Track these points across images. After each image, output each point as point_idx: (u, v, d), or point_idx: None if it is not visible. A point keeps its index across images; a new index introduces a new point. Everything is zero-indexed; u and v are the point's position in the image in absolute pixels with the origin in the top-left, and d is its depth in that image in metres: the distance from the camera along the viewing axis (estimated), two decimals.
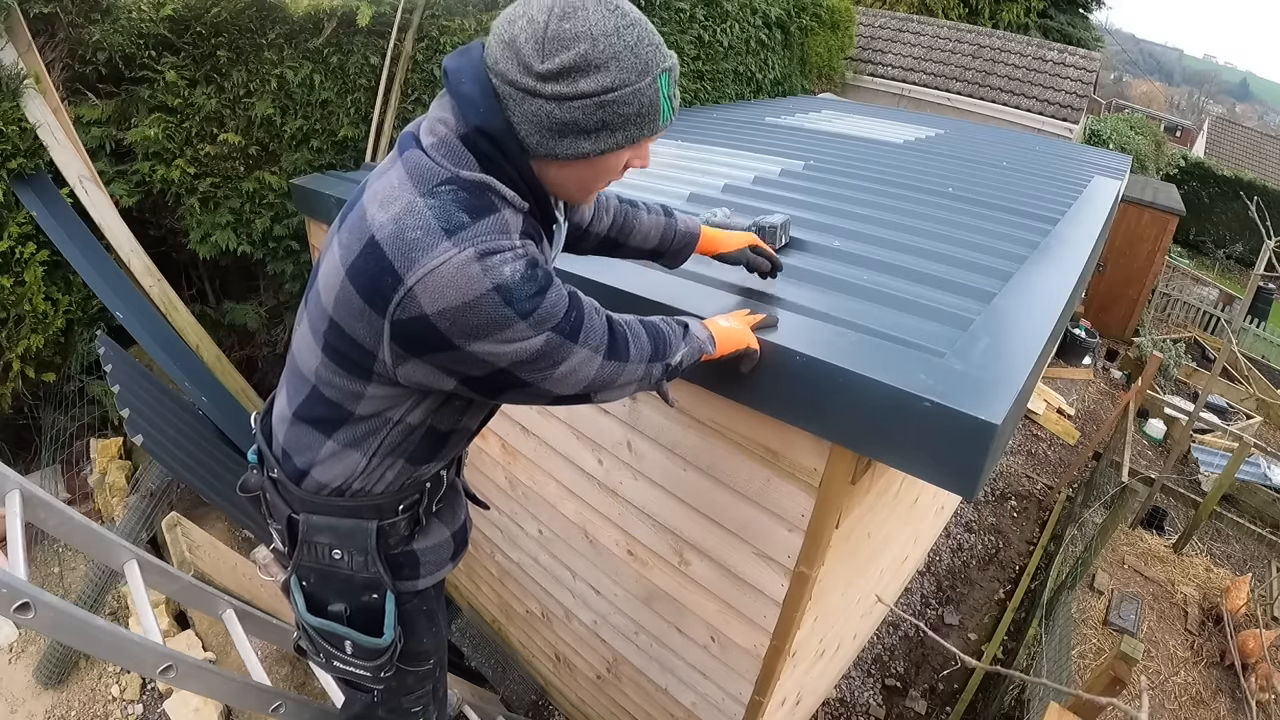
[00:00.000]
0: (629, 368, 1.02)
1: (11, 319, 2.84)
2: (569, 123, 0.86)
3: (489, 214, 0.86)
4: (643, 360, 1.04)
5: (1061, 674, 2.74)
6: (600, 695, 2.51)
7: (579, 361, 0.95)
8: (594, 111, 0.85)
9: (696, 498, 1.78)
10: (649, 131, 0.91)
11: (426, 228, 0.83)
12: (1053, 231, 2.37)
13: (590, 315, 0.97)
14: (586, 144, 0.88)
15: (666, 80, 0.89)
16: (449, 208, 0.84)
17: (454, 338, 0.85)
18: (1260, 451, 4.81)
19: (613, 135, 0.88)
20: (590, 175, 0.95)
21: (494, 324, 0.85)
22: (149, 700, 2.62)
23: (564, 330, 0.92)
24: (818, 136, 4.03)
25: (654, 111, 0.89)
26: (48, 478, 3.29)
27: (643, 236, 1.36)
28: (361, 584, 1.10)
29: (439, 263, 0.81)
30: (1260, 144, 21.07)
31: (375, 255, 0.85)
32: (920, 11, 10.76)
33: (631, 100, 0.86)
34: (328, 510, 1.06)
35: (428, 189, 0.86)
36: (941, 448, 1.18)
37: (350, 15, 3.17)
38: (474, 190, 0.87)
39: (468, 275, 0.82)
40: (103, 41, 2.82)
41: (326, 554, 1.08)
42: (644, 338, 1.06)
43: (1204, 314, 9.14)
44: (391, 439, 1.02)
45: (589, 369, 0.97)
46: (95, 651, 1.07)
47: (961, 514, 4.53)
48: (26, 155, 2.77)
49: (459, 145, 0.88)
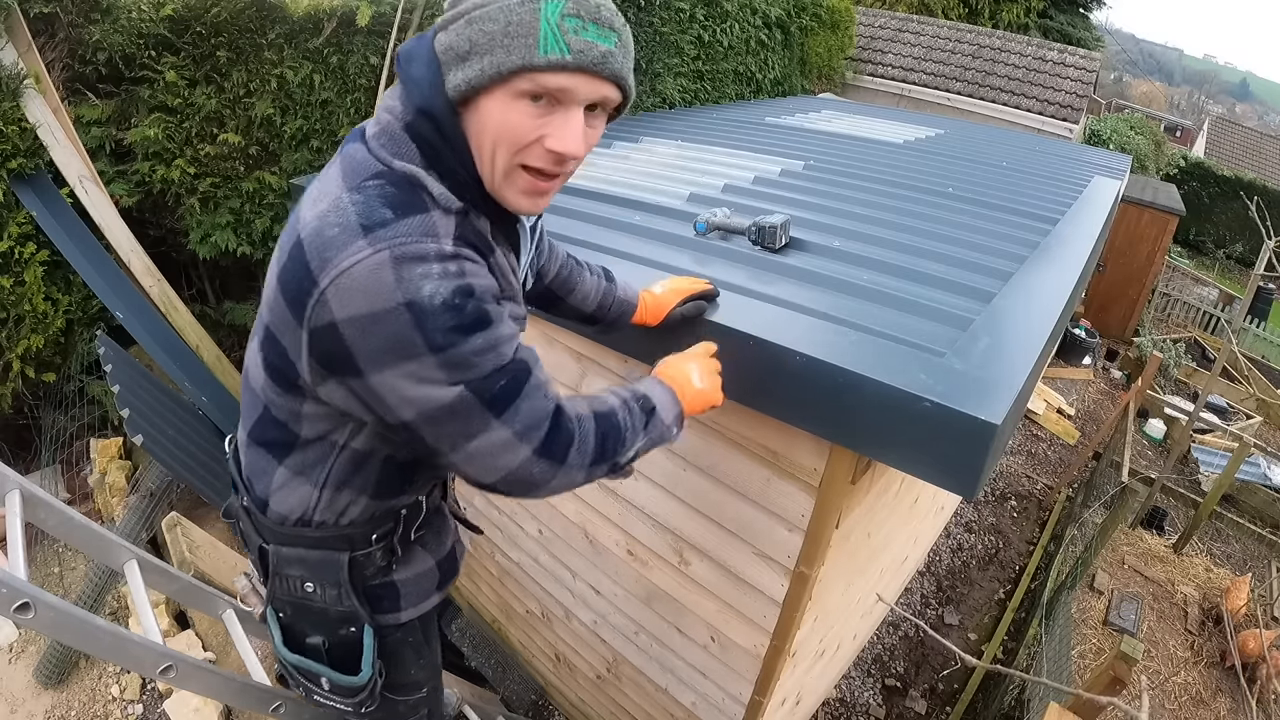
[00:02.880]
0: (562, 473, 0.86)
1: (11, 319, 2.85)
2: (448, 48, 0.77)
3: (415, 213, 0.76)
4: (583, 466, 0.88)
5: (1061, 674, 2.74)
6: (600, 695, 2.51)
7: (497, 444, 0.80)
8: (464, 30, 0.76)
9: (696, 498, 1.78)
10: (519, 59, 0.74)
11: (345, 224, 0.74)
12: (1053, 231, 2.37)
13: (530, 392, 0.81)
14: (460, 73, 0.77)
15: (555, 8, 0.74)
16: (372, 203, 0.76)
17: (358, 357, 0.74)
18: (1260, 451, 4.80)
19: (480, 60, 0.75)
20: (483, 134, 0.79)
21: (399, 348, 0.73)
22: (149, 700, 2.62)
23: (484, 395, 0.77)
24: (818, 136, 4.02)
25: (527, 34, 0.73)
26: (48, 478, 3.29)
27: (582, 297, 1.29)
28: (337, 617, 1.03)
29: (351, 263, 0.72)
30: (1260, 144, 21.07)
31: (298, 256, 0.76)
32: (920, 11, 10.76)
33: (497, 16, 0.74)
34: (296, 541, 0.99)
35: (356, 183, 0.78)
36: (941, 448, 1.18)
37: (350, 15, 3.17)
38: (403, 185, 0.79)
39: (380, 281, 0.72)
40: (103, 41, 2.82)
41: (299, 587, 1.01)
42: (591, 437, 0.89)
43: (1204, 314, 9.14)
44: (340, 469, 0.93)
45: (508, 459, 0.81)
46: (95, 651, 1.07)
47: (961, 514, 4.53)
48: (26, 155, 2.77)
49: (401, 134, 0.80)
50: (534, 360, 0.85)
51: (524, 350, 0.84)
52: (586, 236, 2.01)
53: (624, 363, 1.79)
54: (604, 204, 2.36)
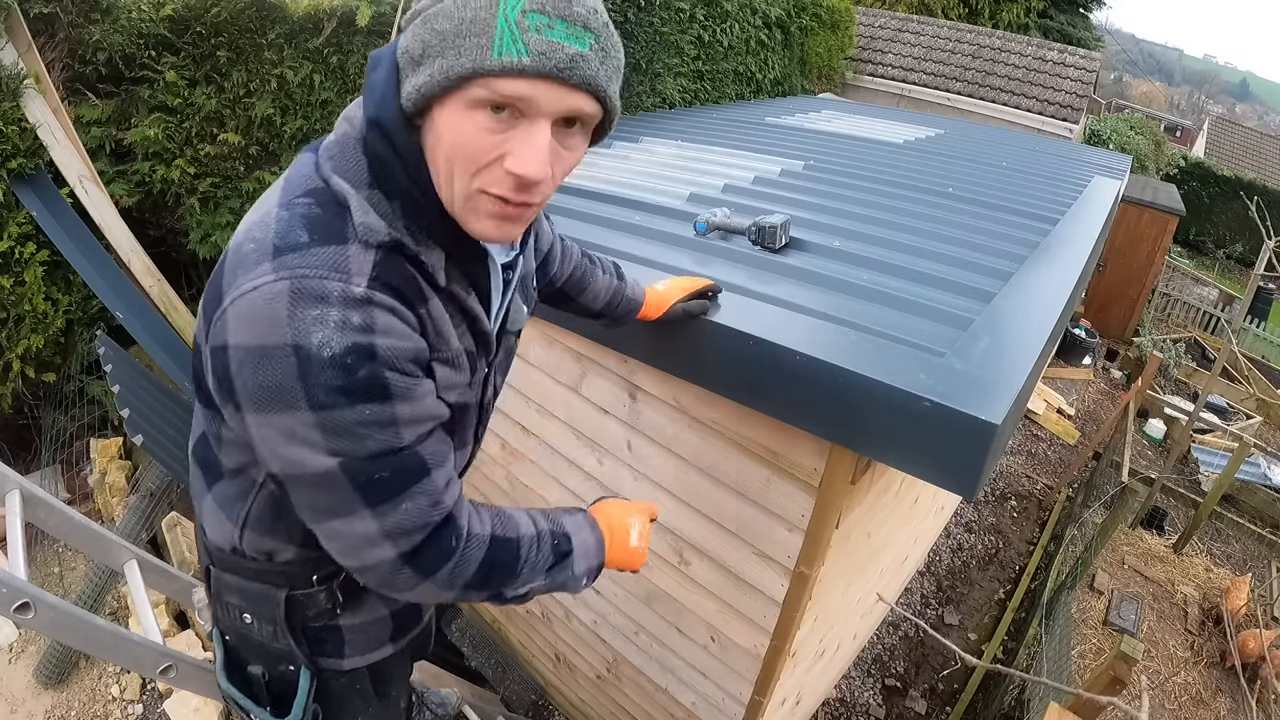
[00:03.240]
0: (427, 586, 0.76)
1: (11, 319, 2.85)
2: (404, 51, 0.69)
3: (330, 243, 0.68)
4: (454, 586, 0.78)
5: (1061, 674, 2.74)
6: (600, 695, 2.51)
7: (360, 535, 0.71)
8: (419, 31, 0.67)
9: (696, 498, 1.78)
10: (470, 62, 0.64)
11: (261, 243, 0.67)
12: (1053, 231, 2.37)
13: (415, 493, 0.71)
14: (415, 78, 0.67)
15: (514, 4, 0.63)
16: (294, 223, 0.68)
17: (239, 391, 0.67)
18: (1260, 451, 4.80)
19: (434, 62, 0.65)
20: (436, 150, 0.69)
21: (277, 394, 0.65)
22: (149, 700, 2.62)
23: (358, 478, 0.68)
24: (818, 136, 4.02)
25: (481, 33, 0.63)
26: (48, 478, 3.29)
27: (593, 296, 1.26)
28: (275, 654, 0.97)
29: (252, 286, 0.65)
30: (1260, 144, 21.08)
31: (220, 269, 0.71)
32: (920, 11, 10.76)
33: (451, 14, 0.64)
34: (234, 569, 0.92)
35: (288, 199, 0.71)
36: (941, 448, 1.18)
37: (350, 15, 3.17)
38: (330, 206, 0.70)
39: (272, 313, 0.64)
40: (103, 41, 2.82)
41: (237, 616, 0.95)
42: (474, 565, 0.78)
43: (1204, 314, 9.14)
44: (260, 510, 0.85)
45: (371, 554, 0.72)
46: (95, 651, 1.07)
47: (961, 514, 4.53)
48: (26, 155, 2.77)
49: (355, 147, 0.72)
50: (438, 459, 0.75)
51: (431, 443, 0.74)
52: (587, 236, 2.01)
53: (624, 362, 1.79)
54: (604, 204, 2.36)
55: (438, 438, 0.77)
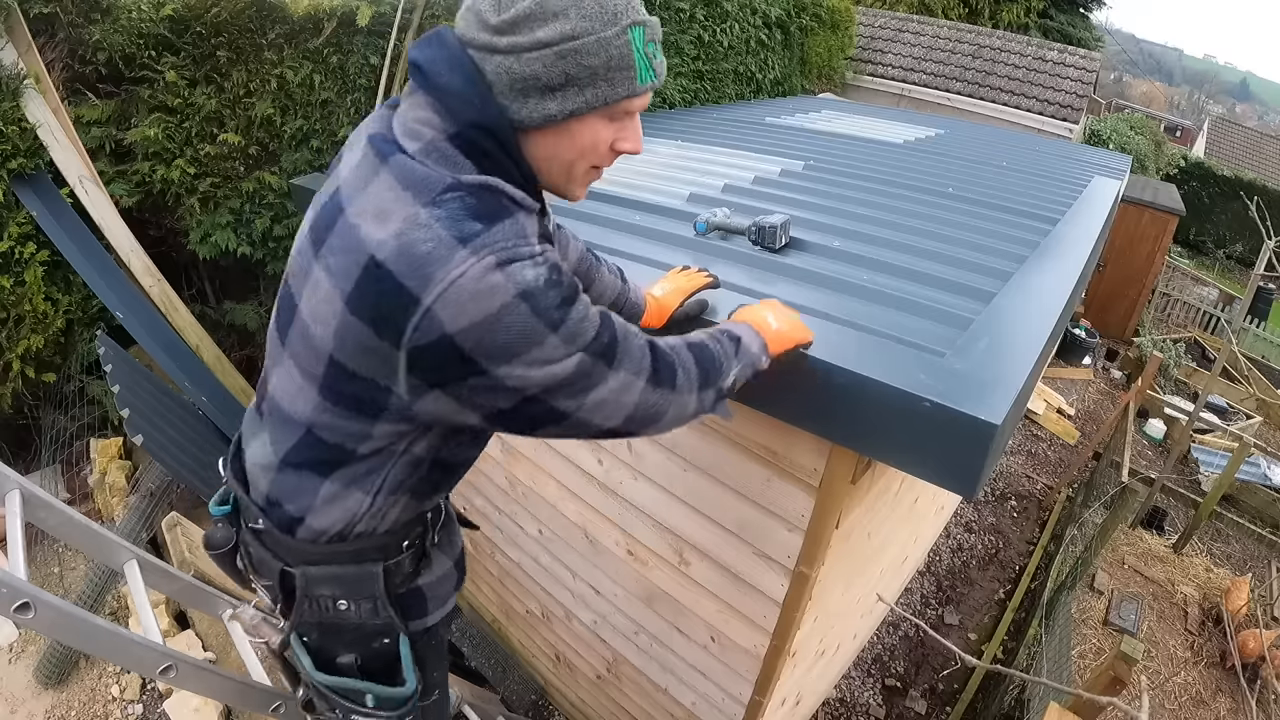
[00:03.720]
0: (678, 398, 0.92)
1: (11, 319, 2.85)
2: (529, 77, 0.78)
3: (503, 219, 0.78)
4: (692, 389, 0.94)
5: (1061, 674, 2.74)
6: (600, 695, 2.51)
7: (618, 387, 0.85)
8: (555, 63, 0.77)
9: (696, 498, 1.78)
10: (624, 91, 0.81)
11: (438, 239, 0.74)
12: (1053, 231, 2.37)
13: (627, 336, 0.87)
14: (553, 104, 0.79)
15: (640, 35, 0.80)
16: (458, 216, 0.75)
17: (479, 359, 0.76)
18: (1260, 451, 4.81)
19: (581, 93, 0.79)
20: (570, 152, 0.85)
21: (522, 338, 0.75)
22: (149, 700, 2.62)
23: (597, 350, 0.82)
24: (818, 136, 4.03)
25: (626, 67, 0.80)
26: (48, 478, 3.29)
27: (597, 294, 1.28)
28: (372, 631, 1.03)
29: (458, 274, 0.73)
30: (1260, 144, 21.09)
31: (380, 277, 0.75)
32: (920, 11, 10.76)
33: (596, 51, 0.77)
34: (328, 559, 0.97)
35: (430, 198, 0.76)
36: (941, 448, 1.18)
37: (350, 15, 3.17)
38: (481, 194, 0.79)
39: (490, 283, 0.73)
40: (103, 41, 2.82)
41: (331, 607, 0.99)
42: (691, 363, 0.95)
43: (1204, 314, 9.14)
44: (396, 474, 0.93)
45: (629, 396, 0.86)
46: (95, 651, 1.07)
47: (961, 514, 4.53)
48: (26, 155, 2.77)
49: (449, 148, 0.80)
50: (609, 311, 0.89)
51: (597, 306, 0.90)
52: (587, 236, 2.00)
53: None
54: (604, 204, 2.36)
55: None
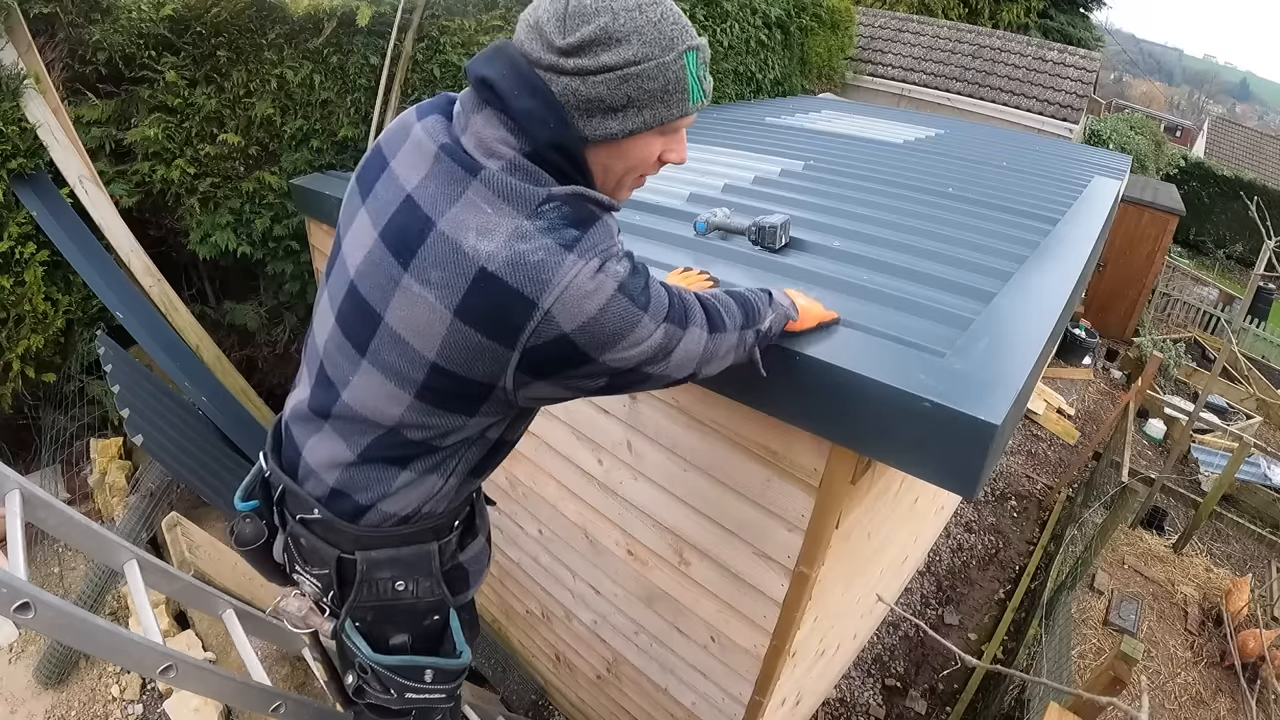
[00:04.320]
0: (727, 337, 1.05)
1: (11, 319, 2.84)
2: (594, 100, 0.85)
3: (594, 222, 0.87)
4: (737, 328, 1.07)
5: (1061, 674, 2.74)
6: (600, 695, 2.51)
7: (691, 342, 0.96)
8: (618, 86, 0.84)
9: (696, 498, 1.78)
10: (679, 112, 0.89)
11: (546, 248, 0.82)
12: (1053, 231, 2.37)
13: (684, 296, 0.98)
14: (614, 123, 0.87)
15: (694, 59, 0.88)
16: (558, 225, 0.84)
17: (591, 351, 0.85)
18: (1260, 451, 4.81)
19: (640, 113, 0.87)
20: (623, 164, 0.93)
21: (625, 326, 0.86)
22: (149, 700, 2.62)
23: (675, 318, 0.93)
24: (818, 136, 4.02)
25: (682, 90, 0.88)
26: (48, 478, 3.29)
27: None
28: (425, 609, 1.09)
29: (571, 278, 0.81)
30: (1260, 144, 21.08)
31: (494, 287, 0.82)
32: (920, 11, 10.75)
33: (657, 75, 0.85)
34: (388, 542, 1.02)
35: (531, 210, 0.84)
36: (941, 448, 1.18)
37: (350, 15, 3.16)
38: (573, 203, 0.87)
39: (598, 284, 0.83)
40: (103, 41, 2.82)
41: (389, 589, 1.05)
42: (734, 306, 1.08)
43: (1204, 314, 9.14)
44: (470, 457, 1.01)
45: (697, 347, 0.98)
46: (95, 651, 1.07)
47: (961, 514, 4.53)
48: (26, 155, 2.77)
49: (530, 165, 0.87)
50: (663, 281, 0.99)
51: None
52: None
53: None
54: None
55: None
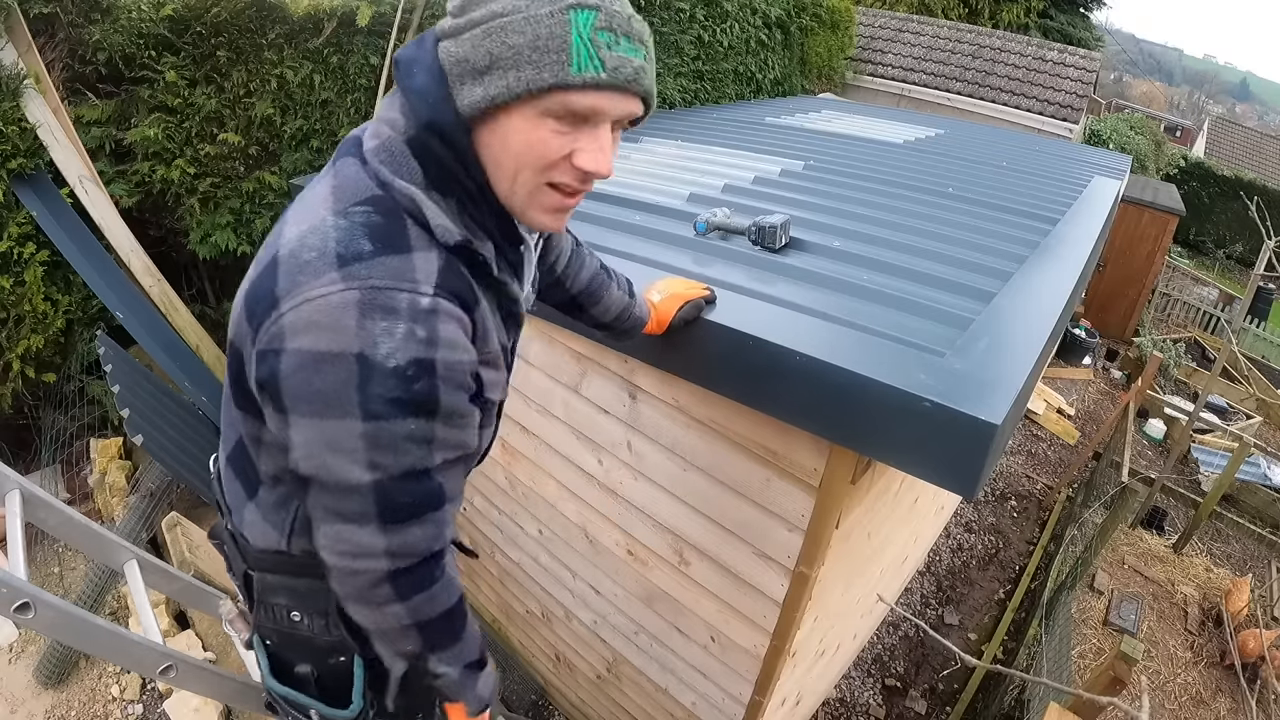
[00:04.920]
0: (394, 610, 0.78)
1: (11, 319, 2.85)
2: (460, 60, 0.71)
3: (395, 252, 0.70)
4: (413, 620, 0.80)
5: (1061, 674, 2.74)
6: (600, 695, 2.51)
7: (363, 546, 0.73)
8: (481, 41, 0.69)
9: (696, 498, 1.78)
10: (551, 77, 0.68)
11: (322, 251, 0.69)
12: (1053, 231, 2.37)
13: (429, 520, 0.75)
14: (479, 88, 0.70)
15: (587, 19, 0.68)
16: (355, 232, 0.70)
17: (286, 394, 0.68)
18: (1260, 451, 4.80)
19: (504, 75, 0.69)
20: (504, 153, 0.73)
21: (331, 402, 0.67)
22: (149, 700, 2.62)
23: (385, 494, 0.71)
24: (818, 136, 4.02)
25: (559, 49, 0.68)
26: (48, 478, 3.29)
27: (604, 309, 1.27)
28: (326, 647, 0.98)
29: (319, 294, 0.67)
30: (1260, 144, 21.08)
31: (270, 273, 0.71)
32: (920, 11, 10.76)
33: (523, 29, 0.68)
34: (281, 568, 0.93)
35: (343, 207, 0.72)
36: (941, 448, 1.18)
37: (350, 15, 3.17)
38: (392, 215, 0.72)
39: (339, 321, 0.66)
40: (103, 41, 2.82)
41: (285, 616, 0.96)
42: (440, 605, 0.82)
43: (1204, 314, 9.14)
44: (305, 516, 0.84)
45: (363, 564, 0.74)
46: (95, 651, 1.07)
47: (961, 514, 4.52)
48: (26, 155, 2.77)
49: (404, 150, 0.74)
50: (453, 492, 0.78)
51: (453, 474, 0.78)
52: (587, 236, 2.00)
53: (624, 362, 1.79)
54: (604, 204, 2.36)
55: (459, 471, 0.80)
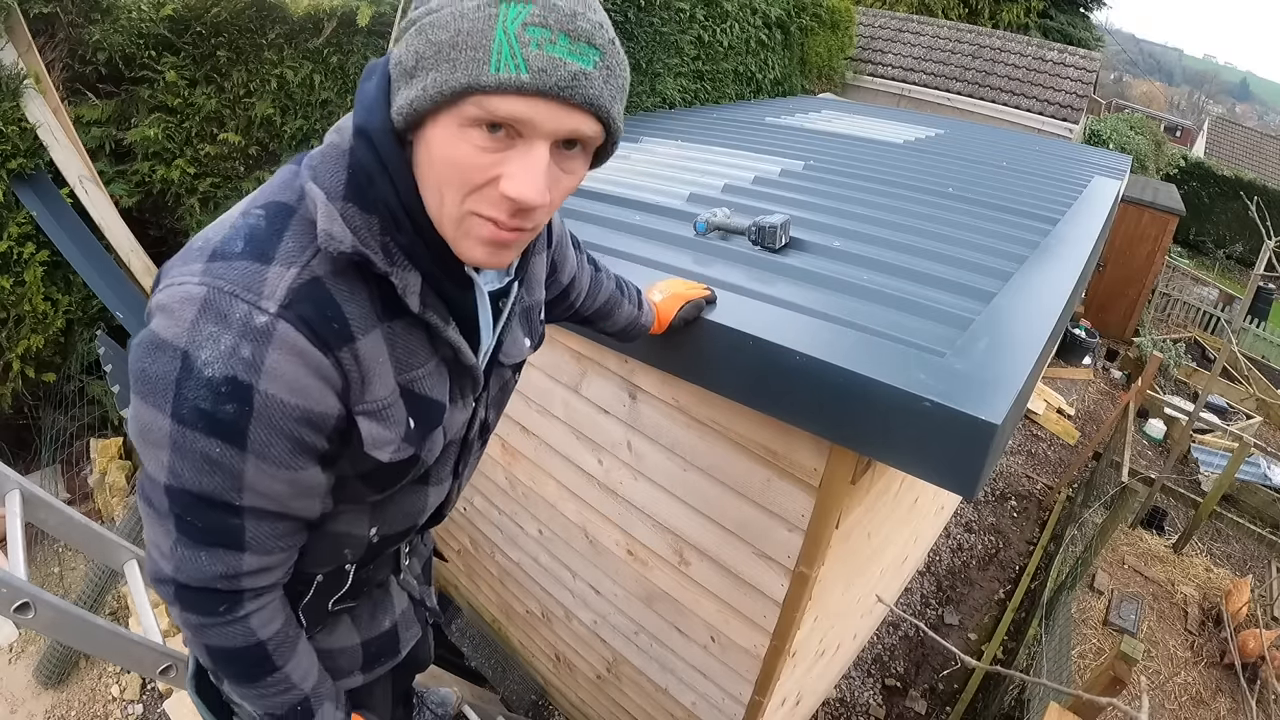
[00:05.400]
0: (180, 616, 0.76)
1: (11, 319, 2.85)
2: (397, 63, 0.65)
3: (255, 260, 0.64)
4: (198, 642, 0.77)
5: (1061, 674, 2.74)
6: (600, 695, 2.51)
7: (157, 542, 0.72)
8: (413, 40, 0.63)
9: (696, 498, 1.78)
10: (465, 76, 0.59)
11: (205, 243, 0.66)
12: (1053, 231, 2.37)
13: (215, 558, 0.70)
14: (408, 90, 0.63)
15: (515, 13, 0.59)
16: (237, 233, 0.66)
17: (130, 364, 0.66)
18: (1260, 451, 4.81)
19: (426, 75, 0.61)
20: (427, 168, 0.65)
21: (153, 387, 0.63)
22: (149, 700, 2.62)
23: (176, 504, 0.67)
24: (818, 136, 4.03)
25: (479, 46, 0.59)
26: (48, 478, 3.29)
27: (612, 322, 1.26)
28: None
29: (179, 281, 0.63)
30: (1260, 144, 21.09)
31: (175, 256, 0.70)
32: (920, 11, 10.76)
33: (447, 24, 0.60)
34: None
35: (247, 207, 0.69)
36: (941, 448, 1.18)
37: (350, 15, 3.17)
38: (276, 222, 0.67)
39: (182, 313, 0.62)
40: (103, 41, 2.82)
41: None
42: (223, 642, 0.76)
43: (1204, 314, 9.14)
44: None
45: (154, 557, 0.73)
46: (95, 651, 1.07)
47: (961, 514, 4.53)
48: (26, 155, 2.77)
49: (340, 159, 0.68)
50: (261, 545, 0.72)
51: (266, 526, 0.71)
52: (587, 236, 2.01)
53: (624, 362, 1.79)
54: (604, 204, 2.36)
55: (278, 528, 0.73)
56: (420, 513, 0.95)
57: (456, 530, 2.86)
